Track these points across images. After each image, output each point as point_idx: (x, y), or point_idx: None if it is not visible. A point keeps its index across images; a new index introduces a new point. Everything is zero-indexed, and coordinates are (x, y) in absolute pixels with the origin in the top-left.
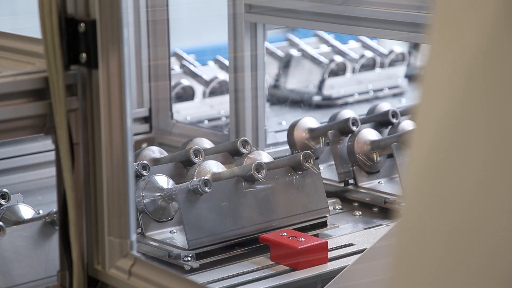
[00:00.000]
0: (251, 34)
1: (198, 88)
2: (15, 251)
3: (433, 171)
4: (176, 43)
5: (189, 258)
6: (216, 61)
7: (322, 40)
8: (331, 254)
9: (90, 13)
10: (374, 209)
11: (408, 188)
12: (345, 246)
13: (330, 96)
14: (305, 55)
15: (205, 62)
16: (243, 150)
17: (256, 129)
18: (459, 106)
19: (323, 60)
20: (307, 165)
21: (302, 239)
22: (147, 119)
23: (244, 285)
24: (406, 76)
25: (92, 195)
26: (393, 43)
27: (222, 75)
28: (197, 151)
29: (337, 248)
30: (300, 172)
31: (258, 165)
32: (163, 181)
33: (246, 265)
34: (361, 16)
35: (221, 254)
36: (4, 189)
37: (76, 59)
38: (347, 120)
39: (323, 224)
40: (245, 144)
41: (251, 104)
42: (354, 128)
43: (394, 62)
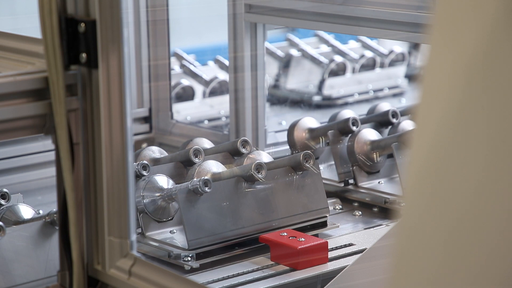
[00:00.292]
0: (251, 34)
1: (198, 88)
2: (15, 251)
3: (433, 171)
4: (176, 43)
5: (189, 258)
6: (216, 61)
7: (322, 40)
8: (331, 254)
9: (90, 13)
10: (374, 209)
11: (408, 188)
12: (345, 246)
13: (330, 96)
14: (305, 55)
15: (205, 62)
16: (243, 150)
17: (256, 129)
18: (459, 106)
19: (323, 60)
20: (307, 165)
21: (302, 239)
22: (147, 119)
23: (244, 285)
24: (406, 76)
25: (92, 195)
26: (393, 43)
27: (222, 75)
28: (197, 151)
29: (337, 248)
30: (300, 172)
31: (258, 165)
32: (163, 181)
33: (246, 265)
34: (361, 16)
35: (221, 254)
36: (4, 189)
37: (76, 59)
38: (347, 120)
39: (323, 224)
40: (245, 144)
41: (251, 104)
42: (354, 128)
43: (394, 62)
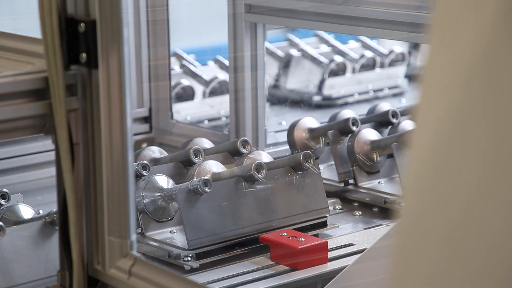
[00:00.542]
0: (251, 34)
1: (198, 88)
2: (15, 251)
3: (433, 171)
4: (176, 43)
5: (189, 258)
6: (216, 61)
7: (322, 40)
8: (331, 254)
9: (90, 13)
10: (374, 209)
11: (408, 188)
12: (345, 246)
13: (330, 96)
14: (305, 55)
15: (205, 62)
16: (243, 150)
17: (256, 129)
18: (459, 106)
19: (323, 60)
20: (307, 165)
21: (302, 239)
22: (147, 119)
23: (244, 285)
24: (406, 76)
25: (92, 195)
26: (393, 43)
27: (222, 75)
28: (197, 151)
29: (337, 248)
30: (300, 172)
31: (258, 165)
32: (163, 181)
33: (246, 265)
34: (361, 16)
35: (221, 254)
36: (4, 189)
37: (76, 59)
38: (347, 120)
39: (323, 224)
40: (245, 144)
41: (251, 104)
42: (354, 128)
43: (394, 62)
